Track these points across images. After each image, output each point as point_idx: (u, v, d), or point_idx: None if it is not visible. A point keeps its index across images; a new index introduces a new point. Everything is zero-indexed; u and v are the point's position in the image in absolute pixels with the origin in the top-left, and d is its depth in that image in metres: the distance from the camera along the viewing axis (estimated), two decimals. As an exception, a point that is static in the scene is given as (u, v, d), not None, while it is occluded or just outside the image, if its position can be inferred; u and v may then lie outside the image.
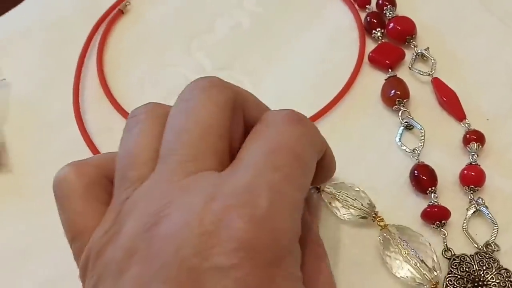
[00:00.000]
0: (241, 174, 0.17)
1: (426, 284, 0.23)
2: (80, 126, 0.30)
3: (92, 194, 0.19)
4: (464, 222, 0.25)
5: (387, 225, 0.25)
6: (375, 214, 0.25)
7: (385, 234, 0.25)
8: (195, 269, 0.15)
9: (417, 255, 0.24)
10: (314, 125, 0.20)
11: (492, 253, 0.24)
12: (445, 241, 0.25)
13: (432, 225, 0.25)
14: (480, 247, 0.25)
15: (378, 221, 0.25)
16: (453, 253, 0.24)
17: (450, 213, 0.25)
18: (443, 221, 0.25)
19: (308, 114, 0.29)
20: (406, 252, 0.24)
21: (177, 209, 0.16)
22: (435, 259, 0.24)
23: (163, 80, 0.32)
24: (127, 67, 0.33)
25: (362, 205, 0.25)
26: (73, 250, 0.19)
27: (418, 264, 0.23)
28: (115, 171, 0.19)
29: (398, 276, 0.24)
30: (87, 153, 0.29)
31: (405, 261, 0.24)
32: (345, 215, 0.25)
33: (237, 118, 0.20)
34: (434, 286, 0.23)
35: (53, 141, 0.31)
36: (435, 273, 0.23)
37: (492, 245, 0.25)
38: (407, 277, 0.24)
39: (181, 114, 0.19)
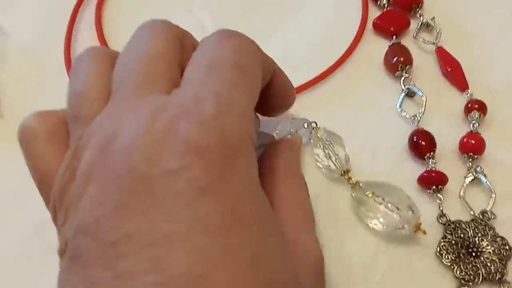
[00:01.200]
0: (187, 88, 0.17)
1: (407, 224, 0.23)
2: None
3: (55, 138, 0.19)
4: (461, 189, 0.25)
5: (358, 181, 0.25)
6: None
7: (355, 192, 0.24)
8: (147, 176, 0.15)
9: (393, 204, 0.23)
10: (252, 41, 0.20)
11: (488, 221, 0.24)
12: (440, 207, 0.24)
13: (428, 190, 0.25)
14: (476, 214, 0.24)
15: (347, 179, 0.25)
16: (448, 218, 0.24)
17: (448, 178, 0.25)
18: (439, 187, 0.25)
19: (311, 77, 0.29)
20: (381, 204, 0.23)
21: (128, 125, 0.17)
22: (410, 203, 0.23)
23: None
24: (127, 25, 0.32)
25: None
26: (42, 194, 0.19)
27: (395, 212, 0.23)
28: (68, 114, 0.19)
29: (377, 227, 0.23)
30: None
31: (382, 213, 0.23)
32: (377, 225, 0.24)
33: (187, 51, 0.20)
34: (417, 226, 0.23)
35: (47, 91, 0.30)
36: (414, 214, 0.23)
37: (488, 213, 0.24)
38: (387, 227, 0.23)
39: (131, 49, 0.19)
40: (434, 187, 0.24)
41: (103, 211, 0.15)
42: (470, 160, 0.25)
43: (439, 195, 0.25)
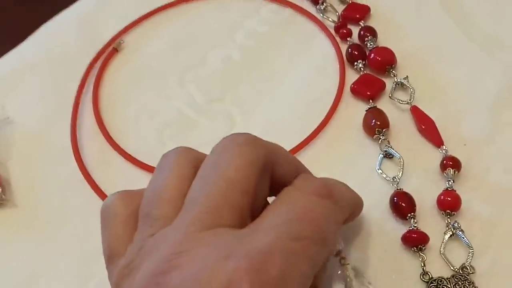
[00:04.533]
0: (259, 236, 0.17)
1: None
2: (78, 161, 0.31)
3: (134, 221, 0.20)
4: (441, 246, 0.26)
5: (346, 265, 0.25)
6: None
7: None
8: None
9: None
10: (346, 196, 0.21)
11: (468, 275, 0.25)
12: (422, 265, 0.26)
13: (411, 249, 0.26)
14: (456, 269, 0.26)
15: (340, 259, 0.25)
16: (430, 276, 0.26)
17: (429, 238, 0.26)
18: (421, 246, 0.26)
19: (294, 143, 0.31)
20: None
21: (189, 261, 0.17)
22: None
23: (157, 113, 0.34)
24: (123, 101, 0.35)
25: None
26: (108, 270, 0.20)
27: None
28: (140, 207, 0.20)
29: None
30: (86, 187, 0.31)
31: None
32: None
33: (265, 176, 0.20)
34: None
35: (54, 175, 0.32)
36: None
37: (468, 267, 0.26)
38: None
39: (211, 166, 0.20)
40: (416, 247, 0.26)
41: None
42: (448, 216, 0.27)
43: (421, 253, 0.26)
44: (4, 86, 0.36)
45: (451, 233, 0.27)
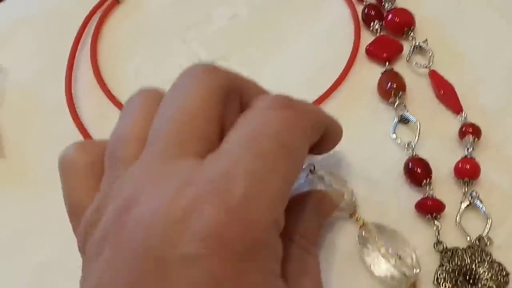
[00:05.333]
0: (220, 161, 0.16)
1: (404, 282, 0.23)
2: (73, 115, 0.30)
3: (93, 171, 0.19)
4: (457, 215, 0.25)
5: (366, 223, 0.25)
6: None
7: (363, 232, 0.24)
8: (162, 258, 0.15)
9: (396, 253, 0.23)
10: (309, 108, 0.19)
11: (484, 246, 0.24)
12: (437, 234, 0.25)
13: (426, 217, 0.25)
14: (472, 240, 0.24)
15: (357, 218, 0.25)
16: (444, 246, 0.24)
17: (444, 206, 0.25)
18: (436, 214, 0.25)
19: (304, 105, 0.29)
20: (385, 250, 0.23)
21: (150, 194, 0.16)
22: (414, 257, 0.23)
23: (158, 70, 0.32)
24: (122, 56, 0.33)
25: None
26: (72, 224, 0.20)
27: (396, 262, 0.23)
28: (106, 152, 0.19)
29: (376, 274, 0.23)
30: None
31: (383, 259, 0.23)
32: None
33: (232, 104, 0.19)
34: (412, 284, 0.23)
35: (47, 129, 0.31)
36: (414, 271, 0.23)
37: (484, 238, 0.24)
38: (385, 275, 0.23)
39: (170, 101, 0.19)
40: (430, 215, 0.25)
41: (114, 284, 0.15)
42: (466, 185, 0.26)
43: (436, 222, 0.25)
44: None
45: (468, 203, 0.25)
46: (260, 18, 0.34)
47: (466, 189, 0.26)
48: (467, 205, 0.25)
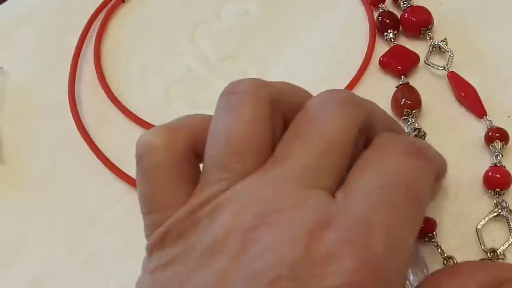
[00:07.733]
0: (356, 206, 0.16)
1: None
2: (75, 117, 0.28)
3: (181, 169, 0.18)
4: (480, 222, 0.23)
5: None
6: None
7: None
8: None
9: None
10: (435, 155, 0.19)
11: (496, 259, 0.22)
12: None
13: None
14: (486, 250, 0.23)
15: None
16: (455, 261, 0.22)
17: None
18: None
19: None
20: None
21: (285, 220, 0.15)
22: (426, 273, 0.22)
23: (164, 69, 0.31)
24: (128, 56, 0.32)
25: None
26: (147, 221, 0.18)
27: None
28: (209, 153, 0.17)
29: None
30: (82, 145, 0.28)
31: None
32: None
33: (361, 138, 0.19)
34: None
35: (48, 131, 0.29)
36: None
37: (498, 253, 0.23)
38: None
39: (310, 123, 0.18)
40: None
41: None
42: (496, 195, 0.24)
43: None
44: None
45: (496, 213, 0.23)
46: (270, 15, 0.32)
47: (497, 200, 0.24)
48: (495, 215, 0.23)
